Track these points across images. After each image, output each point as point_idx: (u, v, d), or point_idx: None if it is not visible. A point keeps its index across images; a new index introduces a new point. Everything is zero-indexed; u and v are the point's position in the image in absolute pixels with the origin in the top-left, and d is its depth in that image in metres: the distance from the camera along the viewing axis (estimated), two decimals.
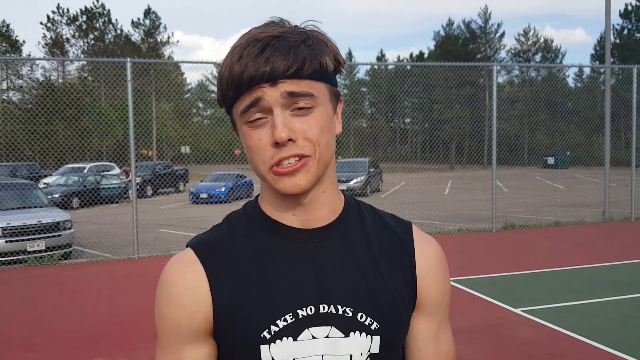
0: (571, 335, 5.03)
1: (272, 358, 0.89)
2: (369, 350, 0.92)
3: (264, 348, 0.89)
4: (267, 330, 0.89)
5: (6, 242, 8.95)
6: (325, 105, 0.89)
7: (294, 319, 0.90)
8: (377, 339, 0.92)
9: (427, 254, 1.01)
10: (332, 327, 0.91)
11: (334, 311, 0.91)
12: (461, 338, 4.98)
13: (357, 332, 0.91)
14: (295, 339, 0.90)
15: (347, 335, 0.91)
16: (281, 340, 0.89)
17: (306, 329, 0.90)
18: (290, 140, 0.85)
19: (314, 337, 0.90)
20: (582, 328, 5.18)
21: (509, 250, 9.50)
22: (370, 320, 0.92)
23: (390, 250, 0.99)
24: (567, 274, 7.57)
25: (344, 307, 0.91)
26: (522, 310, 5.80)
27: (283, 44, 0.84)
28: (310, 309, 0.90)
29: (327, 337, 0.91)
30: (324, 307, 0.91)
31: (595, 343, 4.79)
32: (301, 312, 0.90)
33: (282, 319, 0.89)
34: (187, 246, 0.97)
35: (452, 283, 6.99)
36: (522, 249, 9.48)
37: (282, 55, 0.84)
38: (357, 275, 0.94)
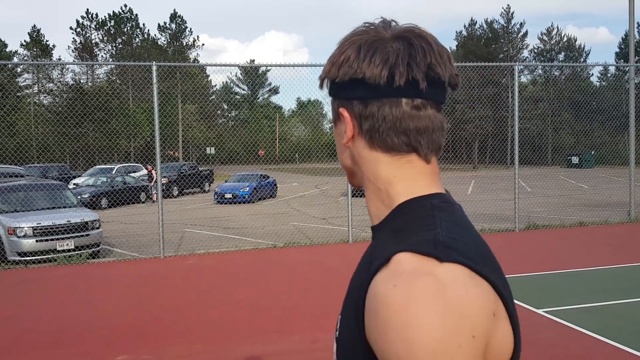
0: (596, 337, 4.97)
1: None
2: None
3: None
4: None
5: (36, 241, 9.19)
6: None
7: None
8: None
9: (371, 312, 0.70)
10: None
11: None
12: None
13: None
14: None
15: None
16: None
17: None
18: None
19: None
20: (607, 330, 5.13)
21: (532, 250, 9.41)
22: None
23: (354, 284, 0.81)
24: (592, 275, 7.49)
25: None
26: (545, 311, 5.76)
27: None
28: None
29: None
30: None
31: (620, 345, 4.74)
32: None
33: None
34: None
35: None
36: (545, 249, 9.40)
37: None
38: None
